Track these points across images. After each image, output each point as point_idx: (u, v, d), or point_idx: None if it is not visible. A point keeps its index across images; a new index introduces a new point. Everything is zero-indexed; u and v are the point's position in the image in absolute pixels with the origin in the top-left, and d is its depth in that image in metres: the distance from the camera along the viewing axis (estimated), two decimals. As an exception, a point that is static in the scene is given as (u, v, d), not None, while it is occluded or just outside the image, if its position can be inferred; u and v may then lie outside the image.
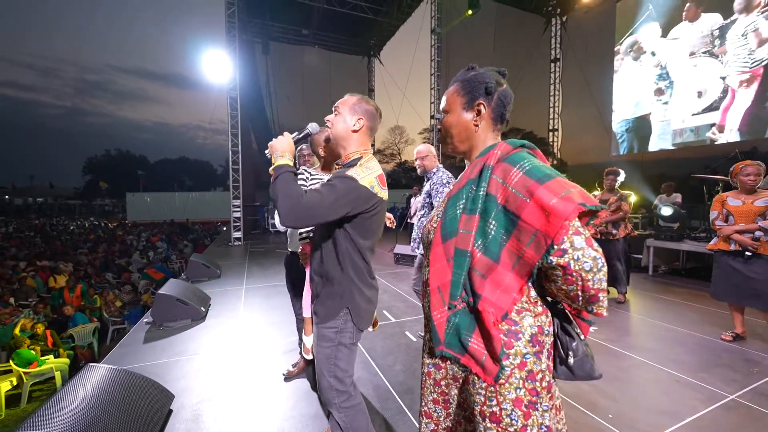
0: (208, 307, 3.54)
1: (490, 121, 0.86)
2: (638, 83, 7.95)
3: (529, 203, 0.69)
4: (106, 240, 13.16)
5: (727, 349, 2.56)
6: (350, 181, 1.09)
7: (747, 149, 6.14)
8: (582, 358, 0.77)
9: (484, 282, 0.74)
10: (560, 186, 0.67)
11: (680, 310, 3.49)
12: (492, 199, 0.74)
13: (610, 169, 3.71)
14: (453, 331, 0.78)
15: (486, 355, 0.73)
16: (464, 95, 0.86)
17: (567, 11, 11.83)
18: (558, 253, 0.66)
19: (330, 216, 1.06)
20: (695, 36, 6.73)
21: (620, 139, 8.51)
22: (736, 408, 1.85)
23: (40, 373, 4.01)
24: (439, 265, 0.80)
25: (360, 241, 1.19)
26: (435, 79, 10.71)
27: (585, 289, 0.67)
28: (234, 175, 8.48)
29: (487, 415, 0.74)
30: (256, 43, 11.93)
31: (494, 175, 0.76)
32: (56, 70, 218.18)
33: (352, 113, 1.23)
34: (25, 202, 43.86)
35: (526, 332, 0.73)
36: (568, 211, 0.65)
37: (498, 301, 0.73)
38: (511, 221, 0.72)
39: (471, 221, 0.76)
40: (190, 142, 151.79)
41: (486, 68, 0.87)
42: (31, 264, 8.17)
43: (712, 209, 2.74)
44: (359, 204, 1.11)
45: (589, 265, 0.66)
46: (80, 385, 1.57)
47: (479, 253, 0.75)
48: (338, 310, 1.20)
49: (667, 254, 5.30)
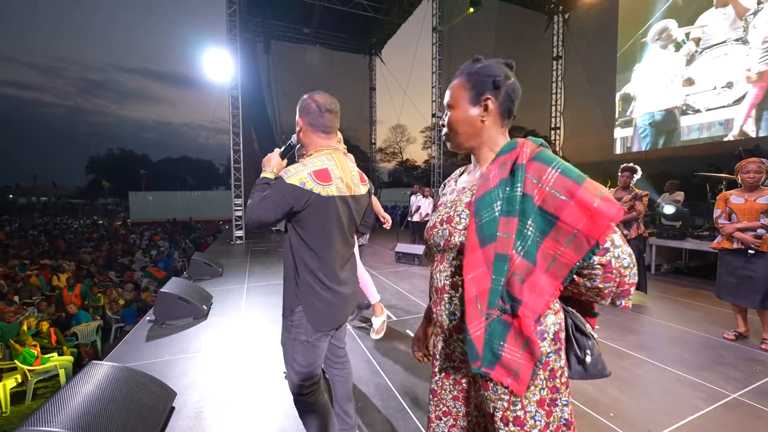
0: (210, 306, 3.55)
1: (498, 117, 0.81)
2: (664, 73, 7.37)
3: (569, 204, 0.68)
4: (109, 239, 13.24)
5: (729, 347, 2.55)
6: (278, 182, 1.14)
7: (750, 147, 6.08)
8: (597, 356, 0.78)
9: (522, 287, 0.71)
10: (594, 187, 0.68)
11: (682, 308, 3.48)
12: (529, 200, 0.72)
13: (627, 166, 3.50)
14: (487, 343, 0.73)
15: (521, 364, 0.71)
16: (470, 89, 0.81)
17: (569, 8, 11.75)
18: (602, 252, 0.68)
19: (268, 217, 1.12)
20: (727, 23, 6.21)
21: (642, 134, 7.90)
22: (738, 407, 1.84)
23: (44, 371, 4.05)
24: (477, 272, 0.73)
25: (309, 240, 1.19)
26: (436, 77, 10.68)
27: (621, 285, 0.69)
28: (236, 174, 8.50)
29: (511, 420, 0.73)
30: (257, 42, 11.94)
31: (528, 174, 0.73)
32: (59, 69, 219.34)
33: (298, 117, 1.27)
34: (29, 201, 44.14)
35: (550, 330, 0.74)
36: (613, 212, 0.66)
37: (535, 306, 0.71)
38: (549, 222, 0.70)
39: (510, 224, 0.72)
40: (192, 142, 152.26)
41: (493, 60, 0.83)
42: (33, 263, 8.23)
43: (716, 207, 2.73)
44: (291, 202, 1.13)
45: (627, 261, 0.68)
46: (83, 383, 1.59)
47: (519, 257, 0.72)
48: (293, 307, 1.22)
49: (670, 253, 5.28)
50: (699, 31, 6.73)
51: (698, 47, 6.74)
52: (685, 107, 6.99)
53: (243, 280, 4.75)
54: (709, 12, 6.55)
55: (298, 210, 1.15)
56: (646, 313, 3.32)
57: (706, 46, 6.61)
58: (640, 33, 7.82)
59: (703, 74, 6.68)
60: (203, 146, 24.14)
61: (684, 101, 7.01)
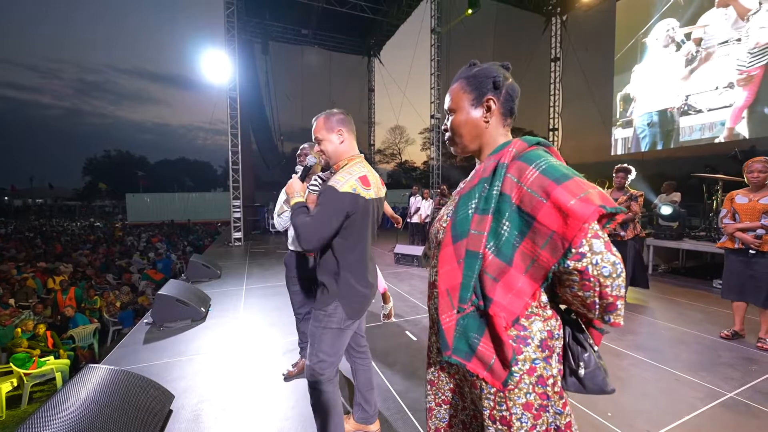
0: (209, 308, 3.54)
1: (500, 117, 0.82)
2: (664, 73, 7.34)
3: (545, 204, 0.65)
4: (106, 241, 13.17)
5: (726, 347, 2.56)
6: (330, 192, 1.23)
7: (746, 148, 6.13)
8: (594, 370, 0.73)
9: (495, 285, 0.71)
10: (578, 187, 0.64)
11: (680, 308, 3.49)
12: (506, 199, 0.71)
13: (621, 167, 3.50)
14: (461, 334, 0.74)
15: (495, 359, 0.71)
16: (471, 92, 0.82)
17: (567, 10, 11.82)
18: (576, 257, 0.63)
19: (330, 231, 1.22)
20: (729, 23, 6.21)
21: (641, 134, 7.84)
22: (735, 406, 1.85)
23: (40, 374, 4.01)
24: (448, 267, 0.76)
25: (351, 240, 1.30)
26: (435, 78, 10.71)
27: (603, 296, 0.64)
28: (234, 176, 8.48)
29: (498, 419, 0.73)
30: (255, 43, 11.93)
31: (509, 174, 0.72)
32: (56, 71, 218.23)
33: (330, 131, 1.35)
34: (25, 203, 43.85)
35: (536, 337, 0.71)
36: (588, 214, 0.61)
37: (510, 306, 0.70)
38: (526, 222, 0.69)
39: (483, 222, 0.73)
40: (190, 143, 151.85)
41: (489, 63, 0.84)
42: (30, 265, 8.18)
43: (723, 207, 2.74)
44: (347, 208, 1.24)
45: (609, 271, 0.63)
46: (80, 386, 1.58)
47: (491, 256, 0.71)
48: (330, 301, 1.32)
49: (667, 253, 5.31)
50: (701, 32, 6.72)
51: (700, 47, 6.75)
52: (687, 107, 7.02)
53: (241, 282, 4.74)
54: (711, 12, 6.57)
55: (350, 215, 1.25)
56: (644, 314, 3.34)
57: (707, 46, 6.62)
58: (641, 33, 7.84)
59: (704, 75, 6.69)
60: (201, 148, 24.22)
61: (685, 102, 7.04)
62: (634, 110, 8.14)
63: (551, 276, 0.69)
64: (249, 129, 10.47)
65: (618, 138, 8.61)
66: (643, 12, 7.83)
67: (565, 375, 0.75)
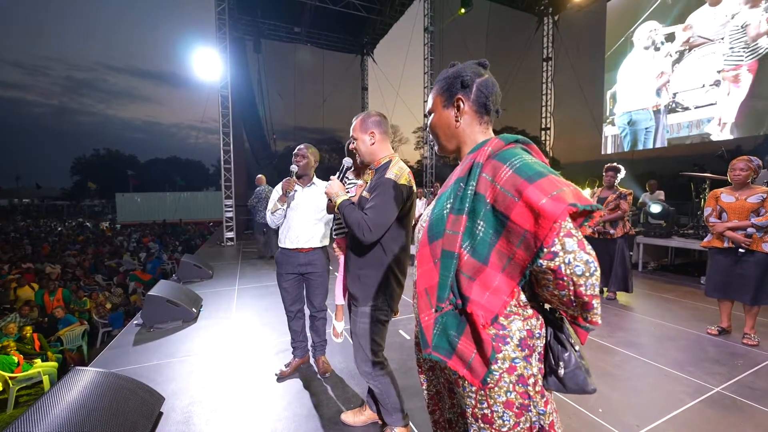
0: (200, 309, 3.49)
1: (474, 114, 0.82)
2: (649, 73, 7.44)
3: (518, 203, 0.65)
4: (95, 241, 12.92)
5: (713, 343, 2.62)
6: (388, 184, 1.32)
7: (732, 147, 6.26)
8: (574, 370, 0.73)
9: (472, 284, 0.71)
10: (552, 184, 0.64)
11: (669, 305, 3.56)
12: (481, 199, 0.71)
13: (610, 165, 3.53)
14: (440, 332, 0.75)
15: (475, 355, 0.71)
16: (443, 93, 0.84)
17: (559, 10, 11.92)
18: (548, 256, 0.63)
19: (392, 219, 1.32)
20: (716, 22, 6.28)
21: (623, 133, 7.97)
22: (721, 400, 1.89)
23: (26, 378, 3.92)
24: (426, 267, 0.78)
25: (398, 232, 1.38)
26: (428, 77, 10.72)
27: (577, 295, 0.64)
28: (226, 175, 8.39)
29: (479, 417, 0.74)
30: (247, 41, 11.77)
31: (484, 173, 0.72)
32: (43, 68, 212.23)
33: (364, 132, 1.43)
34: (11, 203, 42.76)
35: (515, 336, 0.71)
36: (558, 212, 0.61)
37: (487, 304, 0.70)
38: (500, 222, 0.68)
39: (458, 221, 0.73)
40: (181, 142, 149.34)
41: (466, 62, 0.84)
42: (15, 267, 7.98)
43: (706, 205, 2.75)
44: (405, 198, 1.33)
45: (581, 270, 0.62)
46: (67, 389, 1.54)
47: (467, 255, 0.72)
48: (377, 293, 1.39)
49: (656, 251, 5.40)
50: (689, 30, 6.83)
51: (687, 45, 6.87)
52: (674, 104, 7.16)
53: (234, 282, 4.69)
54: (699, 11, 6.68)
55: (406, 205, 1.35)
56: (633, 310, 3.39)
57: (695, 44, 6.73)
58: (630, 32, 7.95)
59: (691, 73, 6.81)
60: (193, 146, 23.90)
61: (672, 99, 7.18)
62: (617, 109, 8.29)
63: (528, 274, 0.68)
64: (241, 127, 10.34)
65: (608, 135, 8.72)
66: (633, 11, 7.96)
67: (546, 374, 0.75)
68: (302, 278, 2.15)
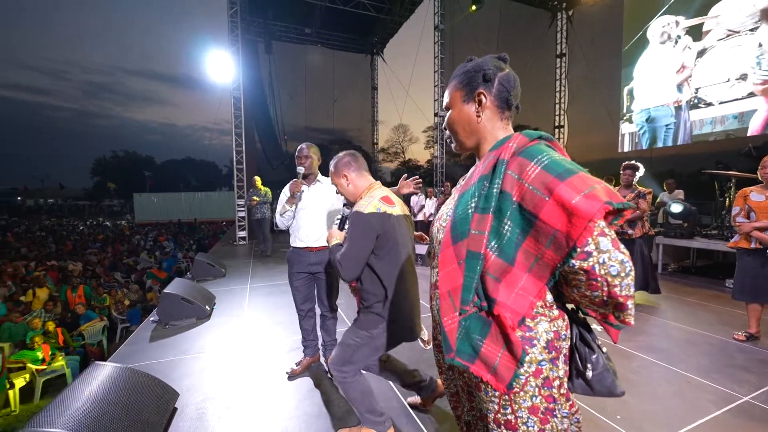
0: (213, 306, 3.56)
1: (495, 110, 0.80)
2: (669, 68, 7.09)
3: (548, 201, 0.62)
4: (113, 240, 13.36)
5: (740, 349, 2.50)
6: (357, 217, 1.32)
7: (759, 144, 5.97)
8: (602, 372, 0.71)
9: (498, 285, 0.69)
10: (583, 182, 0.61)
11: (691, 309, 3.42)
12: (507, 197, 0.68)
13: (628, 164, 3.42)
14: (463, 336, 0.72)
15: (499, 360, 0.69)
16: (463, 87, 0.81)
17: (573, 5, 11.63)
18: (581, 256, 0.60)
19: (364, 252, 1.31)
20: (742, 12, 5.93)
21: (641, 130, 7.66)
22: (751, 410, 1.80)
23: (51, 370, 4.10)
24: (449, 268, 0.74)
25: (388, 258, 1.35)
26: (438, 76, 10.63)
27: (612, 296, 0.61)
28: (238, 175, 8.53)
29: (502, 423, 0.71)
30: (258, 43, 11.94)
31: (509, 171, 0.69)
32: (65, 73, 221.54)
33: (338, 177, 1.47)
34: (37, 203, 44.69)
35: (542, 338, 0.69)
36: (593, 211, 0.58)
37: (514, 305, 0.68)
38: (528, 221, 0.66)
39: (484, 221, 0.70)
40: (195, 143, 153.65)
41: (485, 57, 0.83)
42: (41, 264, 8.32)
43: (735, 204, 2.63)
44: (376, 228, 1.30)
45: (617, 270, 0.59)
46: (86, 383, 1.59)
47: (493, 256, 0.69)
48: (378, 324, 1.39)
49: (676, 252, 5.20)
50: (713, 22, 6.48)
51: (711, 38, 6.53)
52: (697, 100, 6.85)
53: (246, 280, 4.75)
54: (722, 2, 6.34)
55: (380, 234, 1.31)
56: (654, 314, 3.27)
57: (719, 37, 6.38)
58: (649, 25, 7.66)
59: (715, 67, 6.47)
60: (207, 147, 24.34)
61: (695, 94, 6.87)
62: (635, 106, 8.01)
63: (558, 274, 0.66)
64: (253, 128, 10.51)
65: (625, 133, 8.44)
66: (652, 3, 7.65)
67: (571, 376, 0.73)
68: (313, 278, 2.15)
